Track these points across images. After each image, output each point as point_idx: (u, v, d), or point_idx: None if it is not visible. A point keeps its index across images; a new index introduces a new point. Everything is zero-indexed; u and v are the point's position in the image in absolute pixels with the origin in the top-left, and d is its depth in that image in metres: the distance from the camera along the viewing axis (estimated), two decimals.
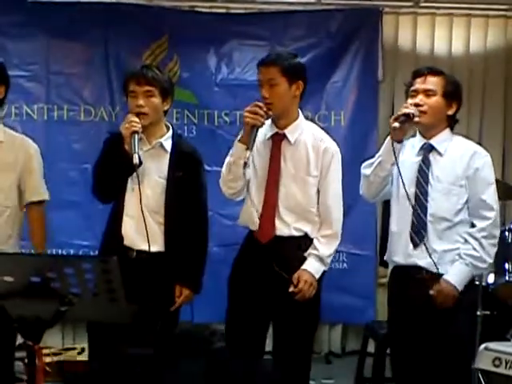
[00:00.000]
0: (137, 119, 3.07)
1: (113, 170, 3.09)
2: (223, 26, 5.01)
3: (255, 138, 3.07)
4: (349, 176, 3.40)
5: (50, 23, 4.83)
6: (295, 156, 3.20)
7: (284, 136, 3.20)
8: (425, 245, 3.04)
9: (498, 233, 3.10)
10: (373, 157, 3.22)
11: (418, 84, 3.12)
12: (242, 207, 3.28)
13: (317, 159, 3.20)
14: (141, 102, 3.10)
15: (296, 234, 3.18)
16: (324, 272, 3.21)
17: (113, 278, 1.99)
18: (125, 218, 3.14)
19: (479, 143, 5.05)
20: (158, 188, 3.16)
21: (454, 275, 3.03)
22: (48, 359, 4.35)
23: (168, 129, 3.26)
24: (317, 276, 3.15)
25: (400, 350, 3.22)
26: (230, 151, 3.17)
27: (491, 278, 3.95)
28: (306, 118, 3.36)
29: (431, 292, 3.03)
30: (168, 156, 3.19)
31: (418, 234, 3.07)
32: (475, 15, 5.24)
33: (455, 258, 3.06)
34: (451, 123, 3.20)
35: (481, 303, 3.81)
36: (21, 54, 4.82)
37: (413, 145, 3.21)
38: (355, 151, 4.81)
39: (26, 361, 3.84)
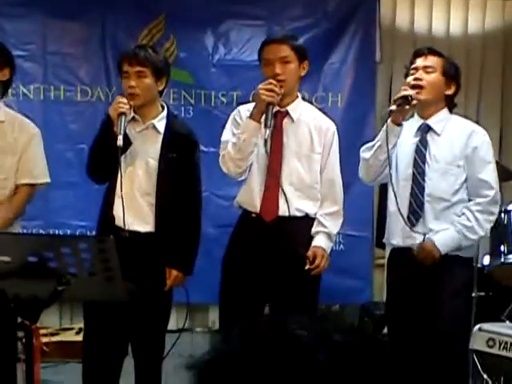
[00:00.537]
0: (125, 100, 3.06)
1: (103, 151, 3.10)
2: (220, 5, 4.96)
3: (272, 115, 3.04)
4: (345, 158, 3.42)
5: (47, 3, 4.81)
6: (298, 133, 3.20)
7: (286, 113, 3.20)
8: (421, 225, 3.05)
9: (495, 210, 3.10)
10: (370, 140, 3.22)
11: (419, 62, 3.13)
12: (242, 188, 3.26)
13: (319, 137, 3.22)
14: (132, 82, 3.08)
15: (298, 214, 3.18)
16: None
17: (110, 257, 2.00)
18: (116, 200, 3.14)
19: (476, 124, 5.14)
20: (150, 169, 3.15)
21: (440, 238, 3.05)
22: (45, 339, 4.37)
23: (163, 109, 3.25)
24: (328, 251, 3.19)
25: (397, 331, 3.23)
26: (236, 130, 3.14)
27: (487, 260, 3.98)
28: (303, 98, 3.37)
29: (414, 249, 3.06)
30: (161, 137, 3.18)
31: (415, 213, 3.08)
32: None
33: None
34: (449, 104, 3.20)
35: (476, 285, 3.84)
36: (18, 34, 4.79)
37: (410, 126, 3.20)
38: (352, 133, 4.82)
39: (24, 340, 3.89)
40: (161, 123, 3.20)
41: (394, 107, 3.00)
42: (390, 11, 5.20)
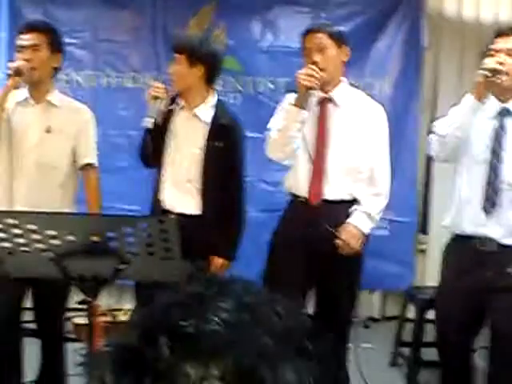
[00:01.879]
0: (160, 85, 3.21)
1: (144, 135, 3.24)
2: None
3: (311, 99, 3.10)
4: (390, 142, 3.44)
5: None
6: (343, 118, 3.23)
7: (330, 99, 3.24)
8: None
9: None
10: (414, 127, 3.20)
11: (501, 43, 2.92)
12: (289, 173, 3.31)
13: (366, 120, 3.23)
14: (170, 69, 3.27)
15: (345, 197, 3.21)
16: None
17: (170, 238, 2.08)
18: (162, 184, 3.26)
19: None
20: (194, 158, 3.24)
21: None
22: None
23: (212, 97, 3.32)
24: (364, 230, 3.17)
25: (445, 319, 3.14)
26: (281, 115, 3.19)
27: None
28: (352, 85, 3.40)
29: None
30: (205, 126, 3.25)
31: (491, 200, 2.93)
32: None
33: None
34: None
35: None
36: (70, 23, 4.90)
37: (484, 108, 2.97)
38: (398, 118, 4.84)
39: (76, 320, 4.02)
40: (206, 112, 3.27)
41: (481, 73, 2.80)
42: None
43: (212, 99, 3.31)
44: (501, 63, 2.85)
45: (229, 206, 3.27)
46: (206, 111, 3.27)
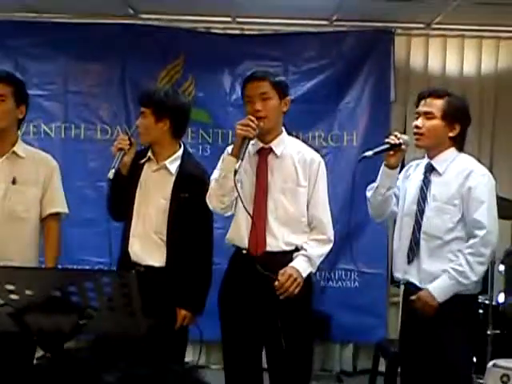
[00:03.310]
0: (125, 137, 3.26)
1: (110, 187, 3.27)
2: (238, 46, 5.10)
3: (246, 149, 3.09)
4: (360, 196, 3.46)
5: (70, 45, 4.96)
6: (282, 168, 3.22)
7: (270, 150, 3.23)
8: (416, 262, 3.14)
9: (486, 251, 3.03)
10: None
11: (420, 107, 3.19)
12: (231, 225, 3.27)
13: (304, 170, 3.22)
14: (136, 123, 3.32)
15: (287, 248, 3.17)
16: (311, 278, 3.21)
17: (130, 292, 2.04)
18: (131, 236, 3.25)
19: (490, 164, 5.17)
20: (161, 208, 3.23)
21: (436, 287, 3.06)
22: None
23: (179, 148, 3.34)
24: (302, 273, 3.11)
25: (408, 369, 3.25)
26: (218, 166, 3.18)
27: (501, 298, 3.99)
28: (290, 134, 3.38)
29: (411, 297, 3.10)
30: (173, 178, 3.26)
31: (412, 250, 3.16)
32: (486, 37, 5.30)
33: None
34: (456, 143, 3.20)
35: (491, 322, 3.85)
36: (40, 74, 4.96)
37: (422, 165, 3.28)
38: (366, 171, 4.87)
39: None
40: (174, 164, 3.29)
41: (369, 153, 3.13)
42: (404, 52, 5.28)
43: (180, 151, 3.33)
44: (418, 127, 3.17)
45: (195, 260, 3.23)
46: (174, 163, 3.29)
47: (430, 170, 3.20)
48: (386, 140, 3.17)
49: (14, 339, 2.64)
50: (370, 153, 3.13)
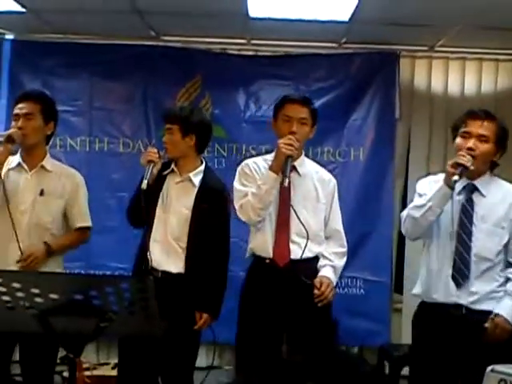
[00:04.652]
0: (155, 150, 3.29)
1: (135, 196, 3.28)
2: (252, 67, 5.12)
3: (290, 166, 3.15)
4: (365, 208, 3.48)
5: (96, 65, 5.01)
6: (303, 186, 3.31)
7: (294, 168, 3.29)
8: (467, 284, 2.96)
9: None
10: (389, 192, 3.27)
11: (474, 127, 2.97)
12: (254, 236, 3.33)
13: (323, 188, 3.35)
14: (164, 139, 3.32)
15: (310, 255, 3.26)
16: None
17: (148, 297, 2.06)
18: (151, 243, 3.26)
19: None
20: (183, 218, 3.26)
21: (505, 310, 2.94)
22: (87, 373, 4.41)
23: (201, 163, 3.38)
24: (334, 282, 3.25)
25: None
26: (260, 181, 3.22)
27: None
28: (306, 156, 3.50)
29: (486, 325, 2.92)
30: (195, 189, 3.29)
31: (461, 272, 2.98)
32: (486, 59, 5.28)
33: (494, 296, 2.99)
34: (493, 166, 3.11)
35: None
36: (67, 92, 4.99)
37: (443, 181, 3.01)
38: (372, 184, 4.89)
39: (65, 374, 3.95)
40: (197, 177, 3.32)
41: (457, 177, 2.85)
42: (409, 73, 5.27)
43: (202, 166, 3.37)
44: (471, 149, 2.91)
45: (212, 265, 3.26)
46: (197, 176, 3.32)
47: (471, 190, 3.04)
48: (460, 161, 2.87)
49: (38, 340, 2.67)
50: (456, 177, 2.85)
